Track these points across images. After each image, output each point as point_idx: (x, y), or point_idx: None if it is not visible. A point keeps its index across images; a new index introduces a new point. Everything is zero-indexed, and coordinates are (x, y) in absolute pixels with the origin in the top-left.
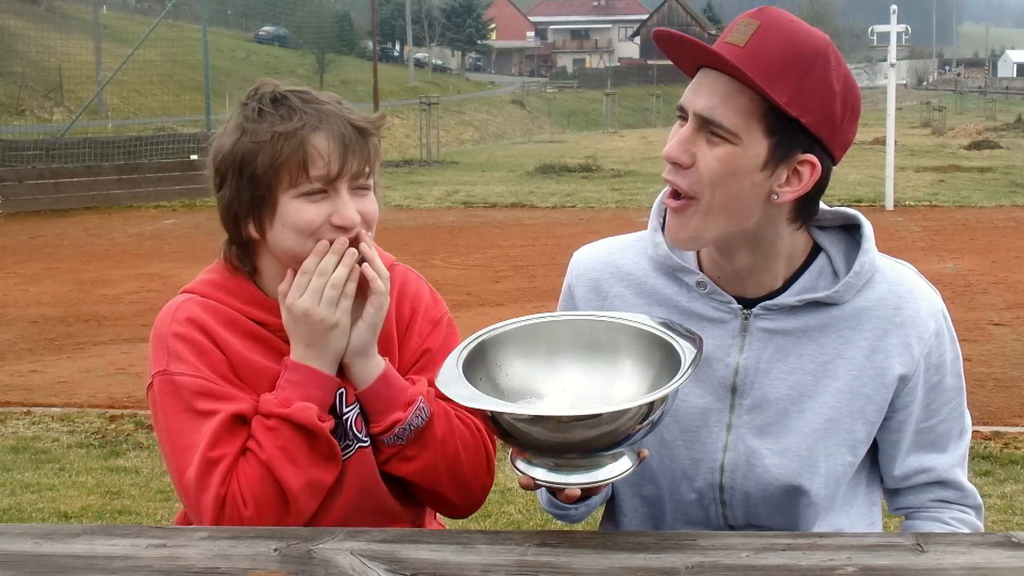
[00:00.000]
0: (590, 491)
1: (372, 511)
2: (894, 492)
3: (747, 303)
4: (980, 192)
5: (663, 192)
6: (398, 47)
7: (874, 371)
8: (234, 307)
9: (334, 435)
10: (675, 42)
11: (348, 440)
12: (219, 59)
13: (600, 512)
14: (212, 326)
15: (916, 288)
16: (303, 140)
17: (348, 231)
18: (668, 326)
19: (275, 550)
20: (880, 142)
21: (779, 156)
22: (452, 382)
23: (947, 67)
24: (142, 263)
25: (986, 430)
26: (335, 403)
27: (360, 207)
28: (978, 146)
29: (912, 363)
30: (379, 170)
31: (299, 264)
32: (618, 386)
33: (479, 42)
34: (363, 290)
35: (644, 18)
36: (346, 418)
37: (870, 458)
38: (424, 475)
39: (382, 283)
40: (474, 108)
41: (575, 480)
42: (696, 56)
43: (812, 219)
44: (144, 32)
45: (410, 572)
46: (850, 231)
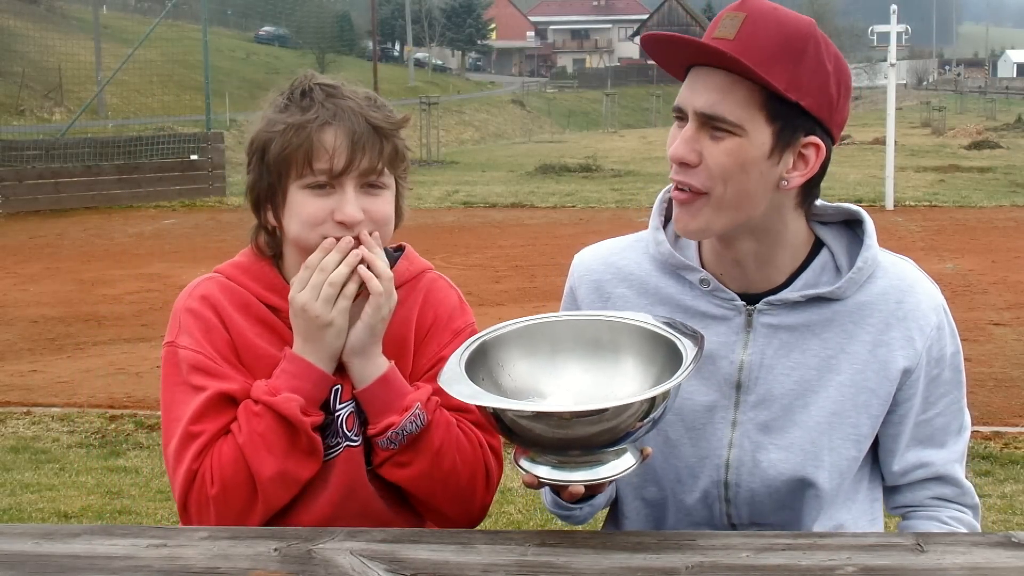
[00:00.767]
0: (594, 490)
1: (358, 512)
2: (893, 490)
3: (750, 300)
4: (980, 192)
5: (664, 191)
6: (398, 47)
7: (877, 365)
8: (253, 291)
9: (325, 432)
10: (667, 44)
11: (338, 438)
12: (219, 59)
13: (603, 515)
14: (224, 306)
15: (917, 282)
16: (311, 133)
17: (350, 228)
18: (671, 325)
19: (275, 550)
20: (880, 142)
21: (784, 142)
22: (454, 380)
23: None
24: (142, 263)
25: (986, 430)
26: (329, 399)
27: (368, 206)
28: (978, 146)
29: (915, 356)
30: (403, 172)
31: (307, 256)
32: (620, 384)
33: (479, 42)
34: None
35: (644, 18)
36: (338, 415)
37: (872, 454)
38: (418, 483)
39: (380, 284)
40: (474, 108)
41: (578, 477)
42: (692, 55)
43: (814, 207)
44: (144, 32)
45: (410, 572)
46: (852, 227)
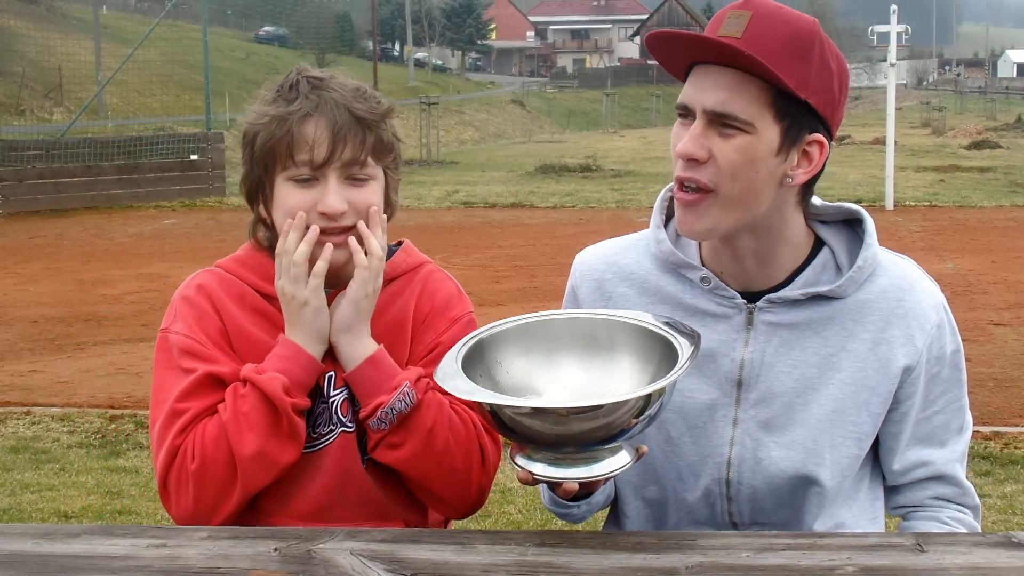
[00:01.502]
0: (589, 488)
1: (356, 501)
2: (893, 489)
3: (751, 298)
4: (980, 192)
5: (665, 190)
6: (398, 47)
7: (878, 363)
8: (249, 281)
9: (317, 420)
10: (674, 41)
11: (332, 424)
12: (219, 59)
13: (603, 515)
14: (220, 296)
15: (917, 281)
16: (292, 125)
17: (333, 219)
18: (669, 324)
19: (275, 550)
20: (880, 142)
21: (791, 140)
22: (450, 376)
23: (947, 67)
24: (142, 263)
25: (986, 430)
26: (323, 387)
27: (352, 197)
28: (978, 146)
29: (915, 354)
30: (392, 163)
31: None
32: (617, 381)
33: (479, 42)
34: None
35: (644, 18)
36: (331, 402)
37: (873, 453)
38: (411, 464)
39: (364, 258)
40: (474, 108)
41: (573, 474)
42: (699, 52)
43: (813, 206)
44: (144, 32)
45: (410, 572)
46: (852, 226)
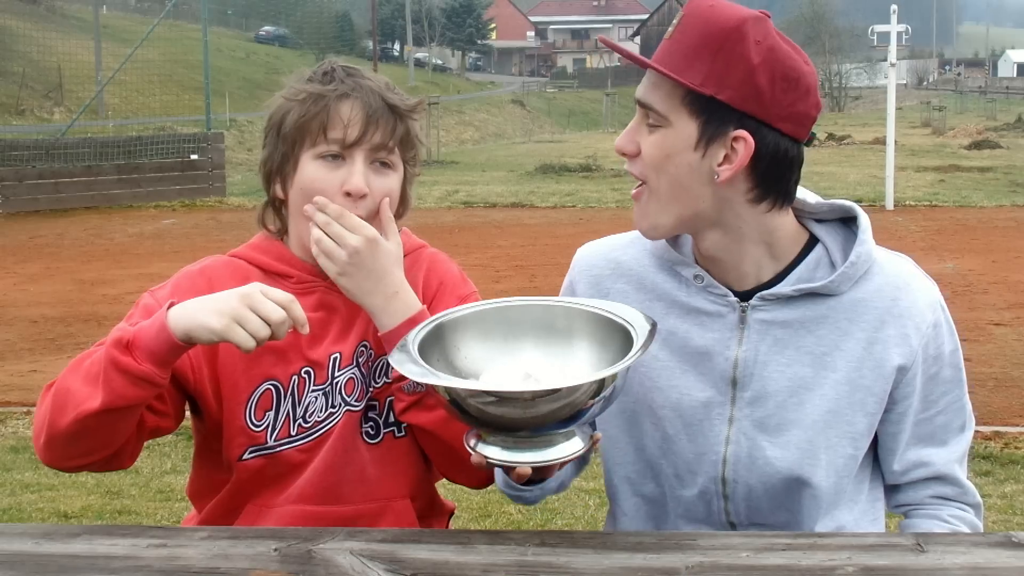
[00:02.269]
0: (543, 474)
1: (356, 479)
2: (893, 488)
3: (744, 297)
4: (980, 192)
5: None
6: (398, 47)
7: (873, 362)
8: (260, 263)
9: (310, 407)
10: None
11: (333, 407)
12: (219, 59)
13: (603, 513)
14: (223, 281)
15: (914, 280)
16: (329, 103)
17: (355, 201)
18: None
19: (275, 550)
20: (880, 142)
21: (709, 135)
22: (405, 360)
23: (947, 67)
24: (142, 263)
25: (986, 430)
26: (328, 368)
27: (375, 183)
28: (978, 146)
29: (910, 354)
30: (413, 158)
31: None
32: (574, 368)
33: (479, 42)
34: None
35: (644, 18)
36: (336, 382)
37: (873, 453)
38: (445, 427)
39: (353, 237)
40: (474, 108)
41: (526, 459)
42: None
43: (787, 202)
44: (144, 32)
45: (410, 572)
46: (847, 224)
